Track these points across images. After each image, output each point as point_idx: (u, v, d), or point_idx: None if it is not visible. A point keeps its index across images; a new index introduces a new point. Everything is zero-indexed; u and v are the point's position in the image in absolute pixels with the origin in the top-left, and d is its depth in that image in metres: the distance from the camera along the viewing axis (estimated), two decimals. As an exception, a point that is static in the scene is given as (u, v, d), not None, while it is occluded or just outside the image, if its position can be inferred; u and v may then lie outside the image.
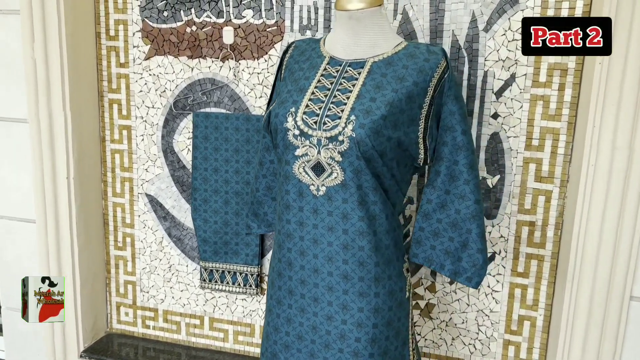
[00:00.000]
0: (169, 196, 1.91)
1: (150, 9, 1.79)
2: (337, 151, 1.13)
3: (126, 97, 1.88)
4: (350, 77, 1.19)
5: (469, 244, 1.22)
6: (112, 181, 1.96)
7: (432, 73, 1.17)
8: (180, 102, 1.82)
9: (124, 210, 1.97)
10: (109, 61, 1.87)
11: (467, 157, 1.20)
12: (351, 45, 1.22)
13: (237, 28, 1.72)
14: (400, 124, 1.14)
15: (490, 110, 1.57)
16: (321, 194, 1.17)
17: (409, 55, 1.19)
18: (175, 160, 1.88)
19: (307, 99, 1.18)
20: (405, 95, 1.15)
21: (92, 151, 1.91)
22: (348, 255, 1.17)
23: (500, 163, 1.59)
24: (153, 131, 1.88)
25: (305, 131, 1.16)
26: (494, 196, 1.61)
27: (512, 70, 1.53)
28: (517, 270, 1.64)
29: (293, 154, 1.18)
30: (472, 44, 1.54)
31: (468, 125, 1.21)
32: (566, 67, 1.48)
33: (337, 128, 1.13)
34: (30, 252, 1.94)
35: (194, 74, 1.79)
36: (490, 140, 1.59)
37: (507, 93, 1.55)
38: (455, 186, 1.22)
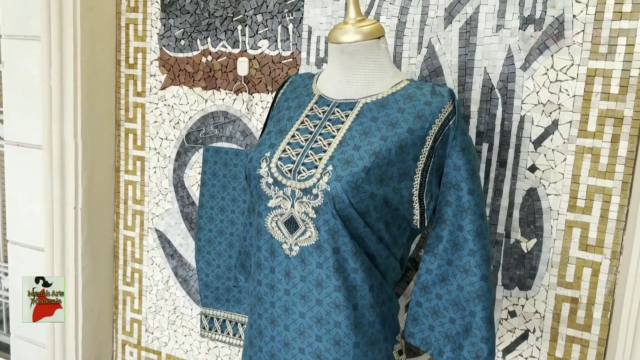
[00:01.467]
0: (178, 233, 1.80)
1: (168, 37, 1.71)
2: (310, 206, 0.96)
3: (141, 127, 1.81)
4: (337, 120, 1.01)
5: (472, 330, 0.99)
6: (124, 213, 1.88)
7: (433, 119, 0.97)
8: (193, 135, 1.72)
9: (134, 244, 1.88)
10: (127, 89, 1.81)
11: (474, 223, 0.98)
12: (342, 83, 1.05)
13: (252, 59, 1.59)
14: (388, 178, 0.95)
15: (527, 161, 1.33)
16: (294, 255, 1.00)
17: (408, 97, 1.00)
18: (185, 195, 1.77)
19: (286, 143, 1.02)
20: (396, 145, 0.95)
21: (106, 181, 1.85)
22: (322, 331, 0.98)
23: (537, 225, 1.34)
24: (165, 164, 1.79)
25: (279, 180, 0.99)
26: (528, 263, 1.36)
27: (555, 116, 1.29)
28: (554, 354, 1.36)
29: (266, 205, 1.02)
30: (507, 84, 1.32)
31: (478, 183, 0.99)
32: (621, 114, 1.22)
33: (311, 179, 0.96)
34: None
35: (207, 106, 1.69)
36: (527, 197, 1.34)
37: (548, 143, 1.30)
38: (458, 257, 1.00)
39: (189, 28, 1.67)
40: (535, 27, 1.27)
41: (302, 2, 1.50)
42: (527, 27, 1.28)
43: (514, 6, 1.29)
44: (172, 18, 1.69)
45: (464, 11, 1.34)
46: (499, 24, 1.31)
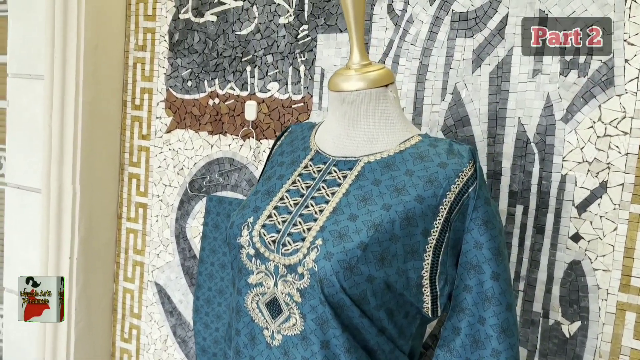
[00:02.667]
0: (178, 288, 1.65)
1: (175, 78, 1.60)
2: (295, 287, 0.79)
3: (145, 172, 1.69)
4: (333, 182, 0.85)
5: None
6: (124, 263, 1.75)
7: (449, 185, 0.79)
8: (197, 182, 1.59)
9: (133, 297, 1.74)
10: (132, 132, 1.70)
11: (498, 315, 0.78)
12: (342, 138, 0.88)
13: (261, 102, 1.46)
14: (390, 257, 0.77)
15: (569, 229, 1.12)
16: (276, 344, 0.82)
17: (419, 156, 0.83)
18: (186, 247, 1.63)
19: (272, 207, 0.86)
20: (401, 215, 0.78)
21: (107, 228, 1.73)
22: None
23: (582, 305, 1.12)
24: (168, 212, 1.65)
25: (262, 252, 0.83)
26: (571, 350, 1.13)
27: (603, 177, 1.08)
28: None
29: (246, 280, 0.85)
30: (545, 138, 1.13)
31: (504, 265, 0.80)
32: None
33: (297, 254, 0.79)
34: (31, 331, 1.76)
35: (213, 152, 1.55)
36: (569, 272, 1.13)
37: (595, 208, 1.10)
38: (479, 357, 0.80)
39: (197, 68, 1.56)
40: (579, 72, 1.09)
41: (314, 42, 1.37)
42: (569, 73, 1.10)
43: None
44: (179, 57, 1.59)
45: (495, 53, 1.17)
46: (536, 69, 1.13)
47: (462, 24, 1.20)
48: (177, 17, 1.58)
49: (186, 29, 1.57)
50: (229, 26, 1.49)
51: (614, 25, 1.05)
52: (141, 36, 1.66)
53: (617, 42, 1.05)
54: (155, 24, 1.63)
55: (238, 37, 1.48)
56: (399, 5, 1.26)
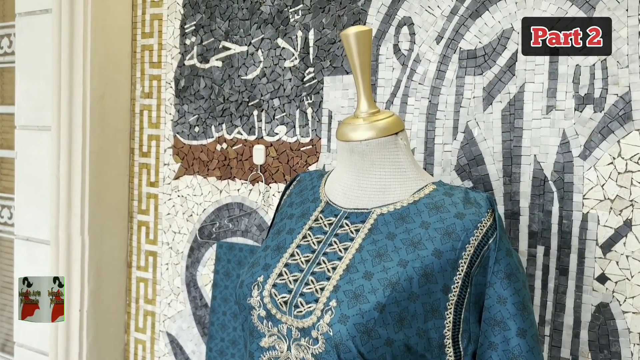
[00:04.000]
0: (190, 339, 1.61)
1: (182, 124, 1.59)
2: (310, 353, 0.74)
3: (154, 219, 1.66)
4: (345, 236, 0.81)
5: None
6: (135, 313, 1.71)
7: (467, 237, 0.75)
8: (207, 229, 1.56)
9: (145, 348, 1.70)
10: (140, 179, 1.68)
11: (527, 376, 0.73)
12: (353, 189, 0.85)
13: (269, 146, 1.44)
14: (410, 317, 0.73)
15: (594, 270, 1.07)
16: (293, 415, 0.77)
17: (434, 207, 0.79)
18: (198, 296, 1.59)
19: (283, 264, 0.82)
20: (419, 272, 0.74)
21: (117, 278, 1.69)
22: None
23: (613, 350, 1.06)
24: (178, 260, 1.62)
25: (273, 314, 0.79)
26: (605, 399, 1.07)
27: (627, 215, 1.04)
28: None
29: (258, 343, 0.81)
30: (563, 175, 1.09)
31: (530, 320, 0.75)
32: None
33: (310, 317, 0.75)
34: (43, 387, 1.73)
35: (222, 197, 1.53)
36: (597, 315, 1.07)
37: (620, 247, 1.05)
38: (509, 422, 0.74)
39: (203, 114, 1.54)
40: (595, 107, 1.05)
41: (321, 85, 1.35)
42: (585, 108, 1.06)
43: (567, 84, 1.08)
44: (186, 104, 1.58)
45: (506, 90, 1.14)
46: (550, 105, 1.10)
47: (471, 61, 1.17)
48: (183, 64, 1.58)
49: (192, 75, 1.56)
50: (234, 71, 1.48)
51: (629, 59, 1.02)
52: (147, 83, 1.65)
53: (633, 76, 1.02)
54: (160, 71, 1.62)
55: (244, 82, 1.46)
56: (405, 45, 1.24)
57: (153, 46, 1.63)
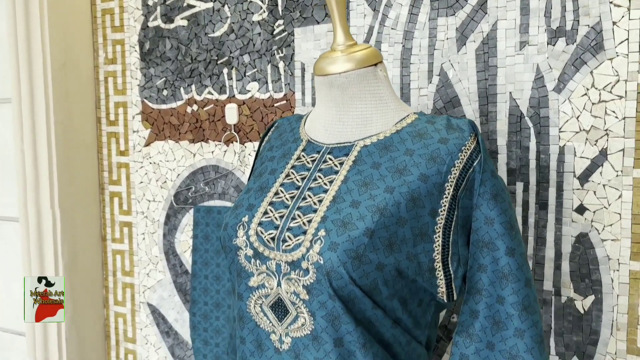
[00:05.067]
0: (172, 307, 1.58)
1: (149, 88, 1.54)
2: (301, 285, 0.73)
3: (127, 189, 1.62)
4: (329, 170, 0.80)
5: None
6: (113, 287, 1.68)
7: (452, 161, 0.75)
8: (182, 194, 1.52)
9: (126, 321, 1.67)
10: (110, 149, 1.63)
11: (518, 293, 0.74)
12: (334, 124, 0.84)
13: (242, 105, 1.41)
14: (399, 242, 0.72)
15: (573, 202, 1.09)
16: (285, 348, 0.77)
17: (417, 135, 0.78)
18: (177, 263, 1.56)
19: (267, 203, 0.81)
20: (406, 197, 0.73)
21: (92, 252, 1.65)
22: None
23: (593, 278, 1.08)
24: (154, 229, 1.59)
25: (261, 251, 0.78)
26: (587, 326, 1.09)
27: (602, 145, 1.05)
28: None
29: (246, 283, 0.80)
30: (539, 110, 1.10)
31: (518, 239, 0.76)
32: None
33: (299, 249, 0.73)
34: (22, 368, 1.68)
35: (196, 161, 1.49)
36: (577, 245, 1.09)
37: (597, 177, 1.06)
38: (501, 338, 0.75)
39: (171, 76, 1.50)
40: (567, 40, 1.06)
41: (292, 37, 1.32)
42: (557, 41, 1.07)
43: (539, 18, 1.08)
44: (152, 67, 1.53)
45: (479, 29, 1.13)
46: (523, 41, 1.10)
47: (443, 2, 1.16)
48: (146, 26, 1.53)
49: (156, 36, 1.51)
50: (201, 29, 1.44)
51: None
52: (110, 49, 1.60)
53: (603, 5, 1.02)
54: (124, 35, 1.57)
55: (212, 40, 1.43)
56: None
57: (114, 9, 1.57)
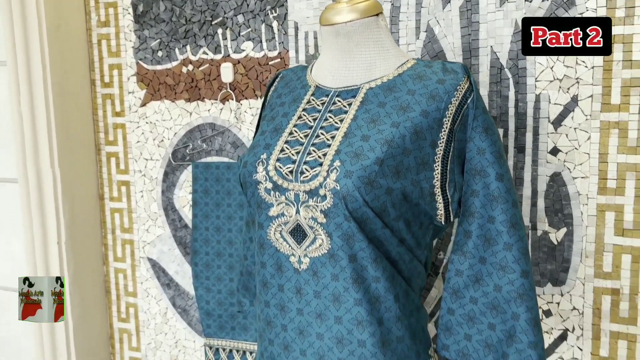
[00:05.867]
0: (172, 260, 1.66)
1: (144, 50, 1.59)
2: (319, 210, 0.83)
3: (123, 149, 1.68)
4: (339, 110, 0.89)
5: (517, 334, 0.86)
6: (112, 244, 1.74)
7: (449, 98, 0.85)
8: (180, 152, 1.59)
9: (126, 276, 1.74)
10: (105, 110, 1.68)
11: (506, 212, 0.85)
12: (341, 70, 0.93)
13: (237, 64, 1.47)
14: (404, 169, 0.82)
15: (547, 144, 1.21)
16: (304, 268, 0.86)
17: (417, 77, 0.88)
18: (176, 218, 1.64)
19: (283, 142, 0.90)
20: (410, 130, 0.83)
21: (90, 211, 1.71)
22: (344, 353, 0.85)
23: (566, 212, 1.22)
24: (152, 186, 1.65)
25: (280, 184, 0.86)
26: (560, 256, 1.23)
27: (573, 92, 1.17)
28: (599, 354, 1.23)
29: (266, 214, 0.89)
30: (517, 62, 1.20)
31: (506, 166, 0.87)
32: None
33: (317, 178, 0.83)
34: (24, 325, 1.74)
35: (192, 119, 1.56)
36: (551, 183, 1.22)
37: (569, 121, 1.19)
38: (492, 252, 0.87)
39: (166, 37, 1.55)
40: (543, -4, 1.17)
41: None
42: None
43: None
44: (146, 29, 1.58)
45: (463, -12, 1.23)
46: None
47: (428, -38, 1.25)
48: (139, -12, 1.57)
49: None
50: (195, -9, 1.49)
51: (571, -52, 1.13)
52: (103, 12, 1.63)
53: (574, -36, 1.13)
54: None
55: (206, 1, 1.48)
56: (365, -48, 1.30)
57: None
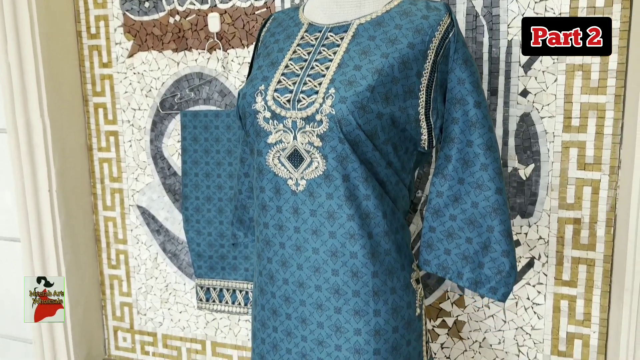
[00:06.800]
0: (162, 207, 1.73)
1: (130, 1, 1.62)
2: (315, 134, 0.91)
3: (111, 99, 1.72)
4: (332, 44, 0.97)
5: (492, 245, 0.97)
6: (101, 193, 1.79)
7: (433, 32, 0.93)
8: (167, 101, 1.64)
9: (116, 224, 1.80)
10: (92, 62, 1.71)
11: (483, 136, 0.95)
12: (332, 7, 1.00)
13: (224, 14, 1.52)
14: (393, 96, 0.91)
15: (518, 87, 1.31)
16: (301, 189, 0.95)
17: (403, 13, 0.96)
18: (165, 166, 1.69)
19: (280, 74, 0.97)
20: (398, 61, 0.91)
21: (79, 161, 1.75)
22: (338, 264, 0.94)
23: (534, 150, 1.33)
24: (141, 135, 1.70)
25: (278, 112, 0.94)
26: (528, 190, 1.34)
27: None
28: (561, 278, 1.35)
29: (265, 141, 0.97)
30: (491, 10, 1.29)
31: (483, 96, 0.96)
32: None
33: (313, 105, 0.91)
34: (18, 271, 1.79)
35: (180, 69, 1.61)
36: (521, 123, 1.32)
37: (538, 65, 1.29)
38: (470, 173, 0.97)
39: (153, -12, 1.59)
40: (515, -54, 1.25)
41: (271, -53, 1.44)
42: (507, -52, 1.26)
43: None
44: (133, -20, 1.60)
45: (441, -62, 1.30)
46: (478, -52, 1.28)
47: None
48: (125, -61, 1.59)
49: (136, -51, 1.58)
50: (181, -59, 1.53)
51: None
52: (87, -37, 1.65)
53: None
54: (101, -52, 1.62)
55: (193, -49, 1.52)
56: None
57: None
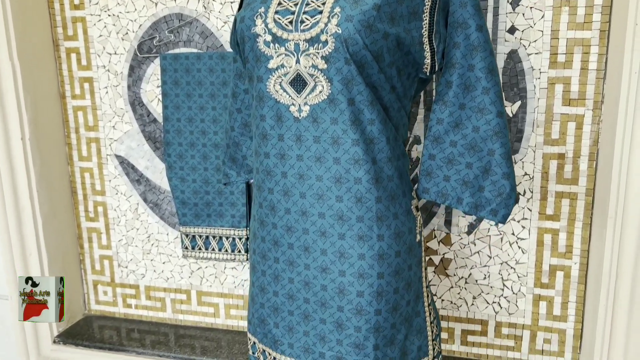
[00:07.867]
0: (142, 156, 1.68)
1: (103, -63, 1.54)
2: (319, 56, 0.89)
3: (84, 44, 1.64)
4: (333, -36, 0.94)
5: (492, 168, 0.98)
6: (77, 143, 1.73)
7: (435, -46, 0.92)
8: (146, 44, 1.58)
9: (93, 175, 1.74)
10: (62, 4, 1.63)
11: (484, 60, 0.95)
12: None
13: (204, -49, 1.47)
14: (398, 17, 0.90)
15: (505, 24, 1.32)
16: (304, 116, 0.93)
17: (406, -63, 0.94)
18: (144, 113, 1.64)
19: (280, -4, 0.94)
20: (403, -18, 0.90)
21: (52, 110, 1.68)
22: (342, 190, 0.94)
23: (520, 87, 1.35)
24: (118, 81, 1.64)
25: (279, 35, 0.92)
26: (515, 127, 1.37)
27: (531, -28, 1.28)
28: (545, 212, 1.40)
29: (266, 66, 0.94)
30: (480, -56, 1.29)
31: (484, 19, 0.96)
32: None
33: (317, 25, 0.89)
34: (-10, 228, 1.72)
35: (158, 10, 1.55)
36: (508, 60, 1.34)
37: (525, 1, 1.30)
38: (471, 98, 0.97)
39: None
40: None
41: None
42: None
43: None
44: None
45: None
46: None
47: None
48: None
49: None
50: None
51: None
52: None
53: None
54: None
55: None
56: None
57: None
